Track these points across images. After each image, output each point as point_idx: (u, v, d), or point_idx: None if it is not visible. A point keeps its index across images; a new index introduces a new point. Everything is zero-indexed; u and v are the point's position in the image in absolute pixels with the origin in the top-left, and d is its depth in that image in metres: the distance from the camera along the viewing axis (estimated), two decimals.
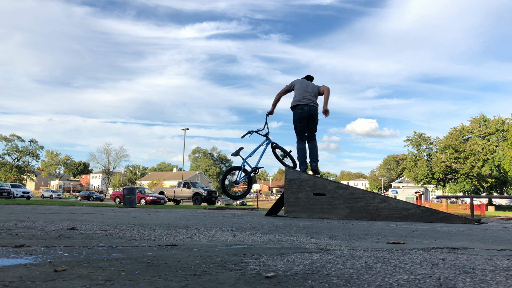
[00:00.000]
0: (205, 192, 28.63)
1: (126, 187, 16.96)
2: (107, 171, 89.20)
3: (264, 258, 1.60)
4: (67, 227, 2.93)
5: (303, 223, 4.62)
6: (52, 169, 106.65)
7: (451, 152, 48.43)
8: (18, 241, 1.93)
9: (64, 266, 1.26)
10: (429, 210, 6.12)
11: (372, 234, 3.16)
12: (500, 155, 51.04)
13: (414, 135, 52.43)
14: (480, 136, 55.87)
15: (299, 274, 1.27)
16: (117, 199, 27.64)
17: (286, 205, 6.72)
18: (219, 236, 2.57)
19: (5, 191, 26.74)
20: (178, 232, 2.78)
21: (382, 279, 1.22)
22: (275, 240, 2.45)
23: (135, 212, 6.57)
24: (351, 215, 6.33)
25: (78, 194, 53.06)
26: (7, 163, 75.03)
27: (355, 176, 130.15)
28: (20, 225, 3.01)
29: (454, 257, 1.78)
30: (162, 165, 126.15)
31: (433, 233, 3.42)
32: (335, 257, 1.69)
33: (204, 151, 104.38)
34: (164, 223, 3.80)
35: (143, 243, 2.06)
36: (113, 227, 3.10)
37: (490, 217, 12.90)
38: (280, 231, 3.16)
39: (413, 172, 51.63)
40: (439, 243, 2.52)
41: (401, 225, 4.81)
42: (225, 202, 37.96)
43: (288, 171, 6.94)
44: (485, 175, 48.88)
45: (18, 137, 76.02)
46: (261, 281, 1.15)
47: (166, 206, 19.94)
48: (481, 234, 3.52)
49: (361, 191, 6.47)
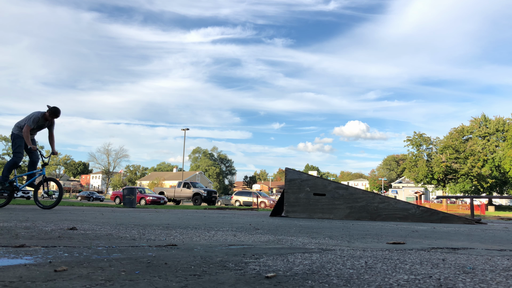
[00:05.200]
0: (205, 192, 28.64)
1: (126, 187, 16.95)
2: (107, 171, 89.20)
3: (264, 258, 1.60)
4: (67, 227, 2.93)
5: (303, 223, 4.62)
6: (52, 169, 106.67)
7: (451, 152, 48.42)
8: (18, 241, 1.93)
9: (64, 266, 1.26)
10: (429, 210, 6.12)
11: (372, 234, 3.16)
12: (500, 155, 51.03)
13: (414, 135, 52.41)
14: (480, 136, 55.86)
15: (299, 274, 1.27)
16: (117, 199, 27.64)
17: (286, 205, 6.72)
18: (219, 236, 2.57)
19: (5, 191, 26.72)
20: (178, 232, 2.78)
21: (382, 279, 1.22)
22: (275, 240, 2.45)
23: (135, 212, 6.57)
24: (351, 215, 6.33)
25: (78, 194, 53.05)
26: None
27: (355, 177, 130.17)
28: (20, 225, 3.01)
29: (454, 257, 1.78)
30: (162, 165, 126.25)
31: (433, 233, 3.42)
32: (335, 257, 1.69)
33: (204, 151, 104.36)
34: (164, 223, 3.80)
35: (143, 243, 2.06)
36: (113, 227, 3.10)
37: (490, 217, 12.90)
38: (280, 231, 3.16)
39: (413, 172, 51.60)
40: (439, 243, 2.52)
41: (401, 225, 4.81)
42: (225, 202, 37.97)
43: (288, 171, 6.94)
44: (485, 175, 48.85)
45: None
46: (261, 281, 1.15)
47: (166, 206, 19.93)
48: (481, 234, 3.52)
49: (361, 192, 6.47)
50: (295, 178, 6.79)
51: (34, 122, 6.94)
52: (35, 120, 6.94)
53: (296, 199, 6.66)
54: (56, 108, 7.07)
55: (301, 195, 6.66)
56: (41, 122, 7.06)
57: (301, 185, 6.70)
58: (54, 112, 7.06)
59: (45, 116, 7.05)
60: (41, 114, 7.03)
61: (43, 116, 7.02)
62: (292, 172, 6.89)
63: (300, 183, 6.72)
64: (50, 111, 7.04)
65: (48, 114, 7.05)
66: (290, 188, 6.75)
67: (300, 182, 6.72)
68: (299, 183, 6.72)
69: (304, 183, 6.70)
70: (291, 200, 6.68)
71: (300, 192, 6.68)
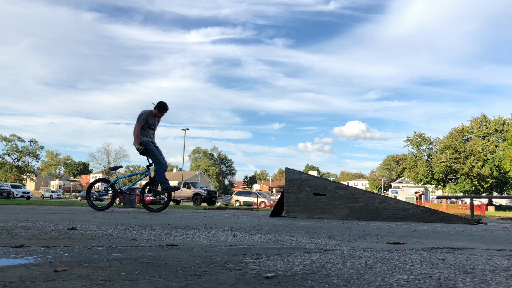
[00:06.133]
0: (205, 192, 28.64)
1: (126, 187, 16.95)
2: (107, 171, 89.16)
3: (264, 258, 1.60)
4: (67, 227, 2.92)
5: (303, 223, 4.62)
6: (52, 169, 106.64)
7: (451, 152, 48.42)
8: (18, 241, 1.93)
9: (64, 266, 1.25)
10: (429, 210, 6.12)
11: (372, 234, 3.16)
12: (500, 155, 51.03)
13: (414, 135, 52.42)
14: (480, 136, 55.86)
15: (299, 274, 1.27)
16: (117, 199, 27.65)
17: (286, 205, 6.72)
18: (219, 236, 2.57)
19: (5, 191, 26.76)
20: (178, 232, 2.78)
21: (382, 279, 1.22)
22: (275, 240, 2.45)
23: (135, 213, 6.57)
24: (351, 215, 6.33)
25: (78, 194, 53.06)
26: (7, 163, 75.03)
27: (355, 177, 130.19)
28: (20, 225, 3.01)
29: (454, 257, 1.78)
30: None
31: (433, 233, 3.42)
32: (335, 257, 1.69)
33: (204, 151, 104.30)
34: (164, 223, 3.80)
35: (143, 243, 2.06)
36: (113, 227, 3.10)
37: (490, 217, 12.90)
38: (280, 231, 3.16)
39: (413, 172, 51.62)
40: (439, 243, 2.52)
41: (401, 225, 4.81)
42: (225, 202, 37.95)
43: (288, 171, 6.94)
44: (485, 175, 48.85)
45: (18, 137, 76.04)
46: (261, 281, 1.15)
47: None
48: (481, 234, 3.52)
49: (361, 191, 6.47)
50: (295, 178, 6.79)
51: (144, 119, 6.66)
52: (144, 118, 6.66)
53: (296, 199, 6.66)
54: (163, 102, 6.77)
55: (301, 195, 6.66)
56: (150, 120, 6.77)
57: (301, 185, 6.70)
58: (162, 107, 6.78)
59: (153, 113, 6.77)
60: (149, 111, 6.75)
61: (150, 113, 6.74)
62: (292, 172, 6.89)
63: (300, 183, 6.72)
64: (158, 106, 6.76)
65: (157, 109, 6.77)
66: (290, 188, 6.75)
67: (300, 182, 6.72)
68: (299, 183, 6.72)
69: (304, 183, 6.70)
70: (291, 200, 6.69)
71: (300, 192, 6.68)
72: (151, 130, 6.91)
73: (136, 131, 6.63)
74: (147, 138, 6.76)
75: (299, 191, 6.69)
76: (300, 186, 6.70)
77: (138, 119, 6.67)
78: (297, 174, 6.86)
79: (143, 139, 6.69)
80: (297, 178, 6.78)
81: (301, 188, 6.69)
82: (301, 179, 6.75)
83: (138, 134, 6.63)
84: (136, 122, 6.68)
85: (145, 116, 6.67)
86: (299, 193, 6.68)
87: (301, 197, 6.65)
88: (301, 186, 6.70)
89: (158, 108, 6.78)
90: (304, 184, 6.70)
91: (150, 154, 6.67)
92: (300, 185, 6.70)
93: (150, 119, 6.75)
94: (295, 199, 6.67)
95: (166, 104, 6.79)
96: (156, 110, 6.80)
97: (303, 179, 6.74)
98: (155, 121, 6.90)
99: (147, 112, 6.72)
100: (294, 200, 6.67)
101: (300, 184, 6.71)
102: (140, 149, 6.57)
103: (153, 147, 6.76)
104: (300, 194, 6.67)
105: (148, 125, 6.78)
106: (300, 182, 6.73)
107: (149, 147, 6.67)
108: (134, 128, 6.66)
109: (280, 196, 7.10)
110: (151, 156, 6.70)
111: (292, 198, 6.69)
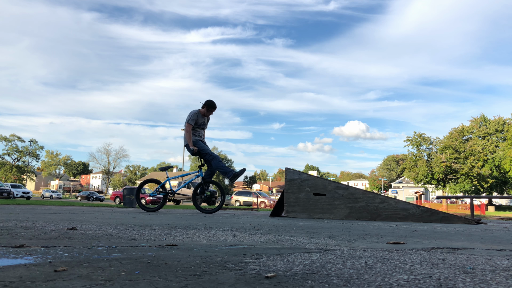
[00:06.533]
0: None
1: (126, 187, 16.95)
2: (107, 171, 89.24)
3: (264, 258, 1.60)
4: (67, 227, 2.92)
5: (303, 223, 4.62)
6: (52, 169, 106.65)
7: (451, 152, 48.42)
8: (18, 241, 1.92)
9: (64, 266, 1.25)
10: (429, 210, 6.12)
11: (372, 234, 3.16)
12: (500, 155, 51.03)
13: (414, 135, 52.42)
14: (480, 136, 55.85)
15: (299, 274, 1.27)
16: (117, 199, 27.66)
17: (286, 205, 6.72)
18: (219, 236, 2.57)
19: (5, 191, 26.75)
20: (178, 232, 2.78)
21: (382, 279, 1.22)
22: (275, 240, 2.45)
23: (135, 213, 6.57)
24: (351, 215, 6.33)
25: (78, 194, 53.05)
26: (7, 163, 75.04)
27: (355, 177, 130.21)
28: (20, 225, 3.01)
29: (454, 257, 1.78)
30: (162, 165, 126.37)
31: (433, 233, 3.42)
32: (335, 257, 1.69)
33: None
34: (164, 223, 3.80)
35: (143, 243, 2.06)
36: (113, 227, 3.10)
37: (490, 217, 12.90)
38: (280, 231, 3.16)
39: (413, 172, 51.62)
40: (439, 243, 2.51)
41: (401, 225, 4.81)
42: (225, 202, 37.96)
43: (288, 171, 6.94)
44: (485, 175, 48.85)
45: (18, 137, 76.08)
46: (261, 281, 1.15)
47: (166, 206, 19.92)
48: (481, 234, 3.52)
49: (361, 191, 6.47)
50: (295, 178, 6.79)
51: (193, 120, 6.52)
52: (194, 118, 6.52)
53: (296, 199, 6.66)
54: (211, 100, 6.63)
55: (301, 195, 6.66)
56: (200, 119, 6.64)
57: (301, 185, 6.70)
58: (210, 105, 6.64)
59: (201, 112, 6.63)
60: (198, 111, 6.62)
61: (199, 112, 6.61)
62: (292, 172, 6.89)
63: (300, 183, 6.72)
64: (206, 105, 6.64)
65: (205, 108, 6.65)
66: (290, 188, 6.75)
67: (300, 182, 6.72)
68: (299, 183, 6.72)
69: (304, 183, 6.70)
70: (291, 200, 6.68)
71: (300, 192, 6.68)
72: (201, 129, 6.79)
73: (188, 132, 6.49)
74: (196, 138, 6.64)
75: (299, 191, 6.69)
76: (300, 186, 6.70)
77: (187, 120, 6.53)
78: (297, 174, 6.86)
79: (193, 139, 6.57)
80: (297, 178, 6.78)
81: (301, 188, 6.69)
82: (301, 179, 6.75)
83: (190, 135, 6.49)
84: (186, 123, 6.54)
85: (195, 116, 6.55)
86: (299, 193, 6.68)
87: (301, 197, 6.65)
88: (301, 186, 6.70)
89: (207, 107, 6.68)
90: (304, 184, 6.70)
91: (203, 152, 6.53)
92: (300, 185, 6.70)
93: (200, 119, 6.65)
94: (295, 199, 6.67)
95: (214, 102, 6.68)
96: (205, 109, 6.69)
97: (303, 179, 6.74)
98: (205, 120, 6.78)
99: (196, 112, 6.60)
100: (294, 200, 6.67)
101: (300, 184, 6.71)
102: (195, 150, 6.40)
103: (203, 145, 6.65)
104: (300, 194, 6.67)
105: (198, 125, 6.67)
106: (300, 182, 6.72)
107: (199, 146, 6.56)
108: (185, 129, 6.52)
109: (280, 196, 7.09)
110: (205, 154, 6.55)
111: (292, 198, 6.69)
